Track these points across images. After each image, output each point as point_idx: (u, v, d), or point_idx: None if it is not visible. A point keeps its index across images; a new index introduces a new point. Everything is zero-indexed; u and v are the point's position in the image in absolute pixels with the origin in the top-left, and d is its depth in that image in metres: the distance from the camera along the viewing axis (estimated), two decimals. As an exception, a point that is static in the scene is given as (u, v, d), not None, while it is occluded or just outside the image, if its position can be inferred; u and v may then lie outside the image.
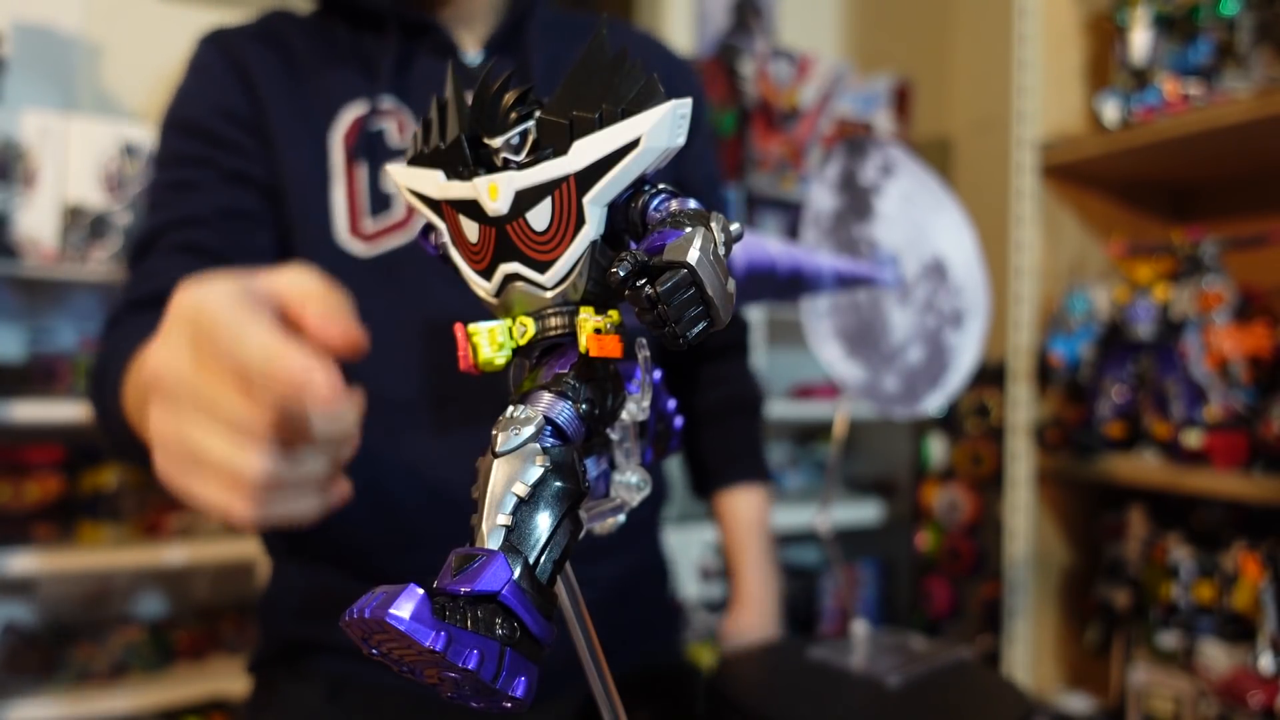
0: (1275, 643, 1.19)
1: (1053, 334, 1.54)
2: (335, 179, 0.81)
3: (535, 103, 0.39)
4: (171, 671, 1.81)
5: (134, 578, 1.96)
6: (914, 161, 0.93)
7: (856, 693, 0.76)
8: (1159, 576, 1.37)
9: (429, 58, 0.85)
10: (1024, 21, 1.55)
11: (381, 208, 0.80)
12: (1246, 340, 1.29)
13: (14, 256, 1.67)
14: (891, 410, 0.89)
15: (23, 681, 1.69)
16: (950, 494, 1.96)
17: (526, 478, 0.34)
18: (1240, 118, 1.24)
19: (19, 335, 1.85)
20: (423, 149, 0.42)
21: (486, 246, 0.40)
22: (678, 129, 0.35)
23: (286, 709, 0.81)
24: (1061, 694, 1.53)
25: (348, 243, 0.80)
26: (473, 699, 0.32)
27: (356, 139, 0.81)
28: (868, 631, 0.87)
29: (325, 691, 0.80)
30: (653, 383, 0.43)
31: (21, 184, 1.72)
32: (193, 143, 0.81)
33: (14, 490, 1.70)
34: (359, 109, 0.82)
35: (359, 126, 0.82)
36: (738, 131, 2.17)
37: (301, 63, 0.84)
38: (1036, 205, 1.55)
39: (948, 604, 1.96)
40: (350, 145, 0.81)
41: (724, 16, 2.44)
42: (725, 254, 0.35)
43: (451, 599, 0.31)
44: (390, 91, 0.82)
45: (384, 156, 0.81)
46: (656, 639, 0.95)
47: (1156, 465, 1.34)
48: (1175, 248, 1.38)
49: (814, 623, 2.28)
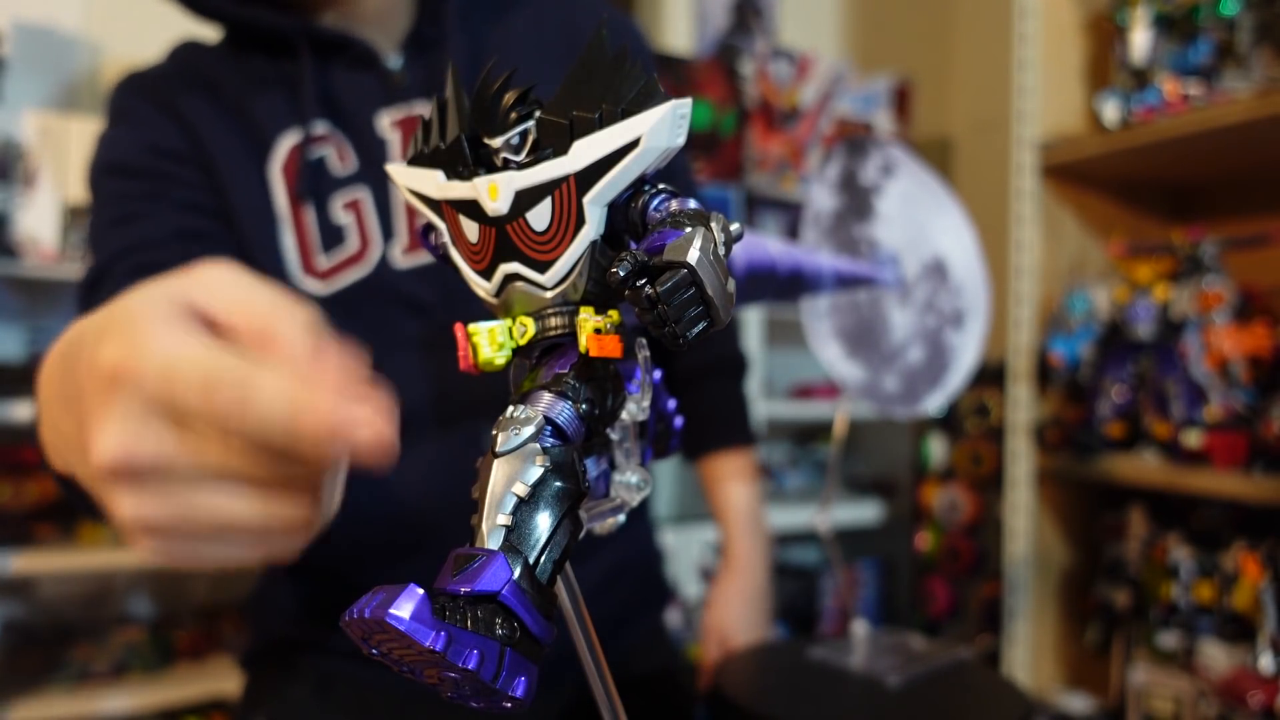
0: (1275, 643, 1.19)
1: (1053, 334, 1.54)
2: (282, 221, 0.76)
3: (535, 103, 0.40)
4: (171, 671, 1.81)
5: (134, 578, 1.96)
6: (914, 161, 0.93)
7: (856, 693, 0.76)
8: (1159, 576, 1.37)
9: (350, 72, 0.79)
10: (1024, 21, 1.55)
11: (334, 242, 0.77)
12: (1246, 340, 1.29)
13: (14, 256, 1.67)
14: (891, 410, 0.89)
15: (23, 681, 1.69)
16: (950, 494, 1.96)
17: (526, 478, 0.34)
18: (1240, 118, 1.24)
19: (19, 335, 1.85)
20: (422, 149, 0.42)
21: (486, 246, 0.40)
22: (678, 129, 0.36)
23: (277, 704, 0.82)
24: (1061, 694, 1.53)
25: (302, 281, 0.76)
26: (473, 699, 0.32)
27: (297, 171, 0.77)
28: (868, 631, 0.87)
29: (314, 687, 0.80)
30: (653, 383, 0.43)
31: (21, 184, 1.72)
32: (130, 183, 0.75)
33: (14, 490, 1.70)
34: (293, 138, 0.77)
35: (296, 157, 0.77)
36: (738, 131, 2.17)
37: (226, 95, 0.78)
38: (1036, 205, 1.55)
39: (948, 604, 1.96)
40: (291, 179, 0.77)
41: (724, 16, 2.44)
42: (725, 254, 0.35)
43: (451, 599, 0.31)
44: (321, 116, 0.78)
45: (327, 187, 0.77)
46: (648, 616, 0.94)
47: (1156, 465, 1.34)
48: (1175, 248, 1.38)
49: (814, 623, 2.28)
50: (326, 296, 0.76)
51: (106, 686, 1.71)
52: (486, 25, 0.84)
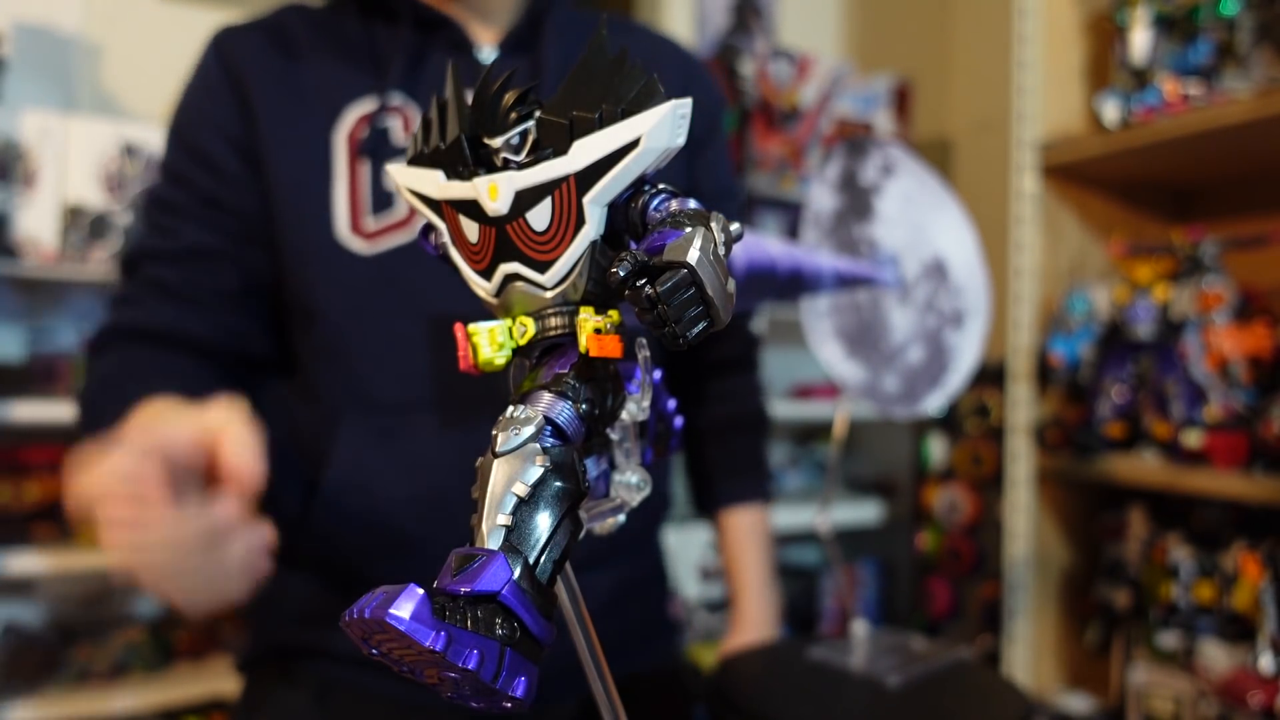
0: (1275, 643, 1.19)
1: (1053, 334, 1.54)
2: (337, 176, 0.80)
3: (535, 103, 0.39)
4: (171, 671, 1.81)
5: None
6: (914, 161, 0.93)
7: (856, 693, 0.76)
8: (1159, 576, 1.37)
9: (443, 53, 0.83)
10: (1024, 21, 1.55)
11: (383, 206, 0.80)
12: (1246, 340, 1.29)
13: (14, 256, 1.67)
14: (891, 410, 0.89)
15: (23, 681, 1.69)
16: (950, 494, 1.96)
17: (526, 478, 0.34)
18: (1240, 118, 1.24)
19: (19, 335, 1.85)
20: (423, 149, 0.42)
21: (486, 246, 0.40)
22: (678, 129, 0.35)
23: (275, 712, 0.81)
24: (1061, 694, 1.53)
25: (348, 240, 0.79)
26: (473, 699, 0.32)
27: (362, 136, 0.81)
28: (868, 631, 0.87)
29: (314, 695, 0.80)
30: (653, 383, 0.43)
31: (21, 184, 1.72)
32: (182, 157, 0.83)
33: (14, 490, 1.70)
34: (366, 106, 0.81)
35: (367, 123, 0.81)
36: (738, 131, 2.17)
37: (306, 60, 0.83)
38: (1036, 205, 1.55)
39: (948, 604, 1.96)
40: (354, 144, 0.81)
41: (724, 16, 2.44)
42: (725, 254, 0.35)
43: (451, 599, 0.31)
44: (400, 88, 0.82)
45: (387, 154, 0.81)
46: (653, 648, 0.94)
47: (1156, 465, 1.34)
48: (1175, 248, 1.38)
49: (814, 623, 2.28)
50: (369, 257, 0.79)
51: (106, 686, 1.71)
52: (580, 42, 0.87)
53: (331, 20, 0.86)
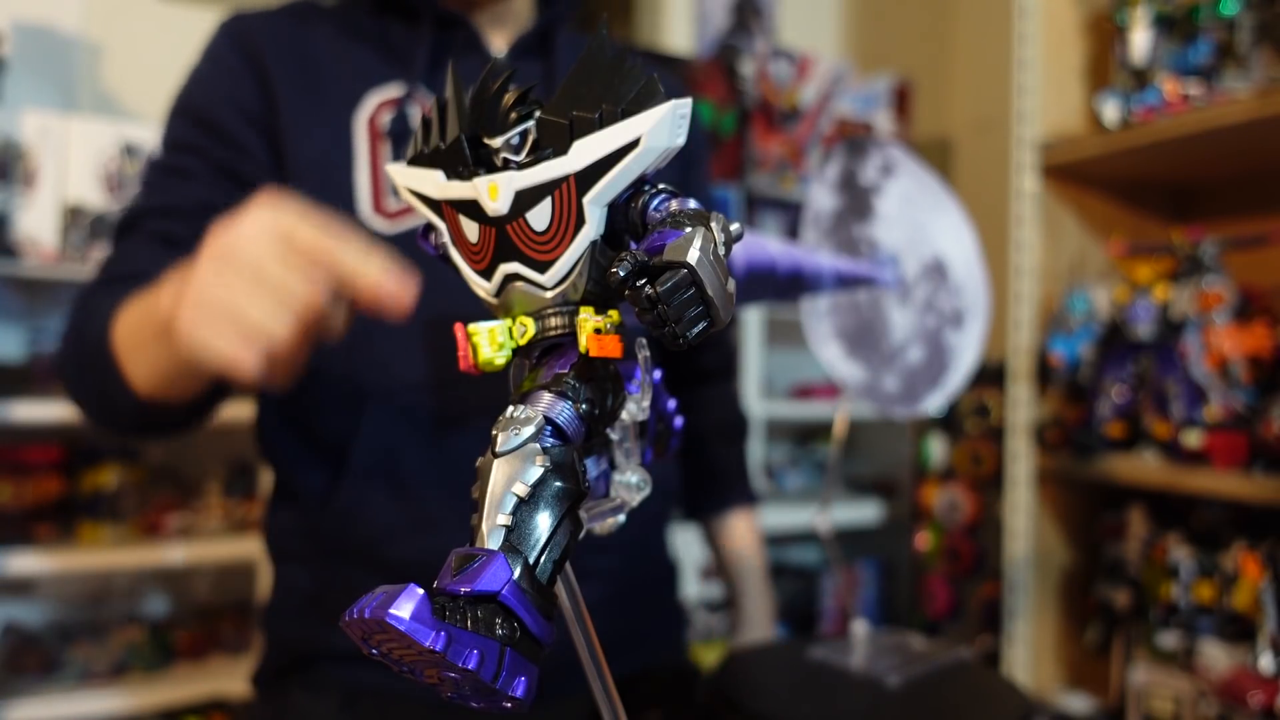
0: (1275, 643, 1.19)
1: (1053, 334, 1.54)
2: (359, 159, 0.82)
3: (535, 103, 0.39)
4: (171, 671, 1.81)
5: (134, 578, 1.96)
6: (914, 161, 0.93)
7: (856, 693, 0.76)
8: (1159, 576, 1.37)
9: (460, 52, 0.86)
10: (1024, 21, 1.55)
11: None
12: (1246, 340, 1.29)
13: (14, 256, 1.67)
14: (891, 410, 0.89)
15: (23, 681, 1.69)
16: (950, 494, 1.96)
17: (526, 478, 0.34)
18: (1240, 118, 1.24)
19: (19, 335, 1.85)
20: (423, 149, 0.42)
21: (486, 246, 0.40)
22: (678, 129, 0.35)
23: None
24: (1061, 694, 1.53)
25: (370, 219, 0.80)
26: (473, 699, 0.32)
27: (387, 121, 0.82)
28: (868, 631, 0.87)
29: (339, 702, 0.78)
30: (653, 383, 0.43)
31: (21, 184, 1.72)
32: (193, 130, 0.82)
33: (14, 490, 1.70)
34: (386, 93, 0.83)
35: (389, 109, 0.82)
36: (738, 131, 2.17)
37: (322, 49, 0.85)
38: (1036, 205, 1.55)
39: (948, 604, 1.96)
40: (375, 128, 0.82)
41: (724, 16, 2.44)
42: (725, 254, 0.35)
43: (451, 599, 0.31)
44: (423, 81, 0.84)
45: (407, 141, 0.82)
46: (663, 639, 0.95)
47: (1156, 465, 1.34)
48: (1175, 248, 1.38)
49: (814, 623, 2.28)
50: (391, 235, 0.80)
51: (106, 686, 1.71)
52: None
53: (345, 15, 0.88)
